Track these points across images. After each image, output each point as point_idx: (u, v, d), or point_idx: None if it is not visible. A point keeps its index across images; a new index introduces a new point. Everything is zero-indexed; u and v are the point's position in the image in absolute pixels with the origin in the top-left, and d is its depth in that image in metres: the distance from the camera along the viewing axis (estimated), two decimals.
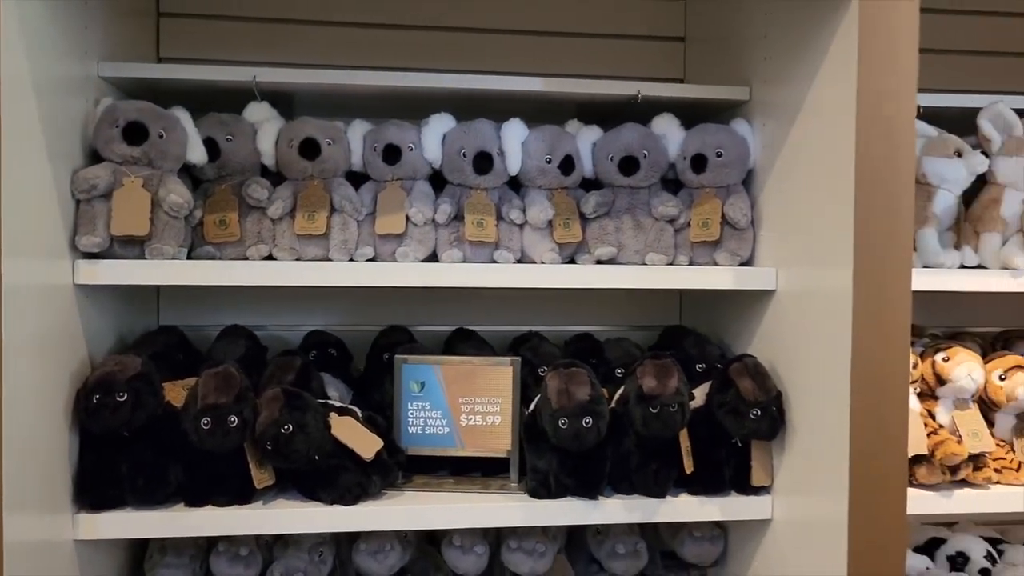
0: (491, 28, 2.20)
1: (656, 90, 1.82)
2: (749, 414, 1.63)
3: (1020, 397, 1.77)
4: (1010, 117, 1.79)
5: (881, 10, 1.42)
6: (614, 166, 1.79)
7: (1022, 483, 1.80)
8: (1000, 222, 1.79)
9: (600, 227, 1.79)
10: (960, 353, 1.80)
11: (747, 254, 1.78)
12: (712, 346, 1.90)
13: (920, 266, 1.78)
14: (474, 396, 1.74)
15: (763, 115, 1.79)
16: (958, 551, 2.05)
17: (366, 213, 1.75)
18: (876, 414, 1.44)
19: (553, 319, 2.20)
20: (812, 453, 1.58)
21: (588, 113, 1.93)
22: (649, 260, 1.77)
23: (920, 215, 1.80)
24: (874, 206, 1.44)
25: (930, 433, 1.77)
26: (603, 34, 2.24)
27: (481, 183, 1.77)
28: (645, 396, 1.62)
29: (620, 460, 1.70)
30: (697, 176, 1.79)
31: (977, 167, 1.77)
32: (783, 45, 1.69)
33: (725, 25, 2.01)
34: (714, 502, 1.71)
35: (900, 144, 1.44)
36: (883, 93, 1.43)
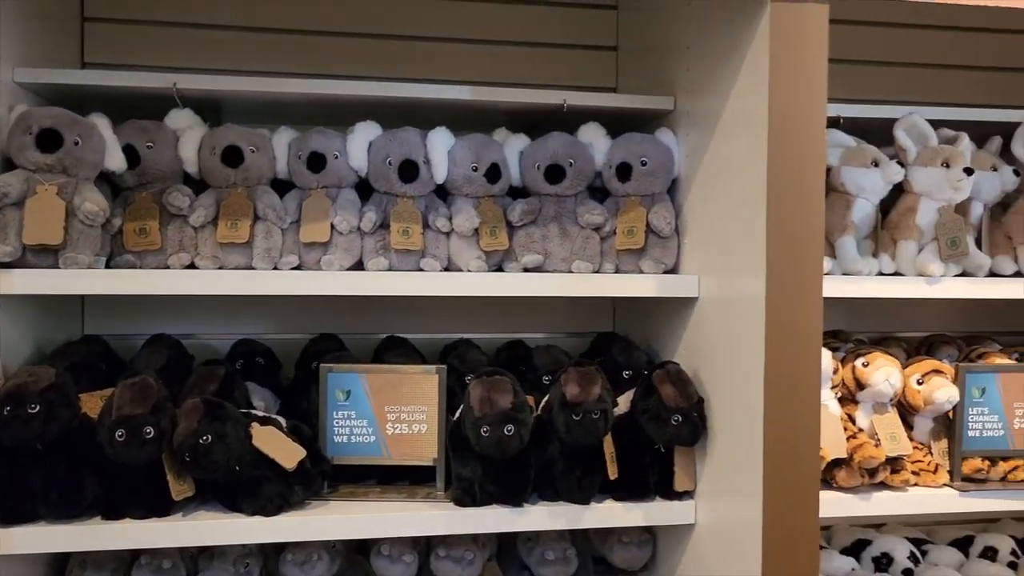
0: (428, 36, 2.20)
1: (582, 99, 1.84)
2: (671, 420, 1.65)
3: (937, 401, 1.81)
4: (924, 128, 1.84)
5: (791, 23, 1.45)
6: (540, 174, 1.80)
7: (939, 485, 1.84)
8: (916, 230, 1.83)
9: (527, 235, 1.80)
10: (879, 358, 1.84)
11: (672, 262, 1.81)
12: (639, 353, 1.92)
13: (839, 273, 1.81)
14: (400, 404, 1.74)
15: (687, 125, 1.81)
16: (883, 552, 2.10)
17: (291, 221, 1.74)
18: (789, 419, 1.47)
19: (488, 326, 2.20)
20: (731, 458, 1.60)
21: (521, 122, 1.94)
22: (575, 268, 1.78)
23: (839, 223, 1.84)
24: (785, 214, 1.46)
25: (850, 437, 1.81)
26: (537, 43, 2.26)
27: (407, 191, 1.77)
28: (568, 403, 1.63)
29: (545, 467, 1.70)
30: (622, 185, 1.81)
31: (893, 176, 1.81)
32: (704, 56, 1.72)
33: (653, 35, 2.03)
34: (638, 508, 1.72)
35: (811, 154, 1.47)
36: (794, 104, 1.46)
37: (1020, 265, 1.89)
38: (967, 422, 1.85)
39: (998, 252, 1.91)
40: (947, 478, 1.85)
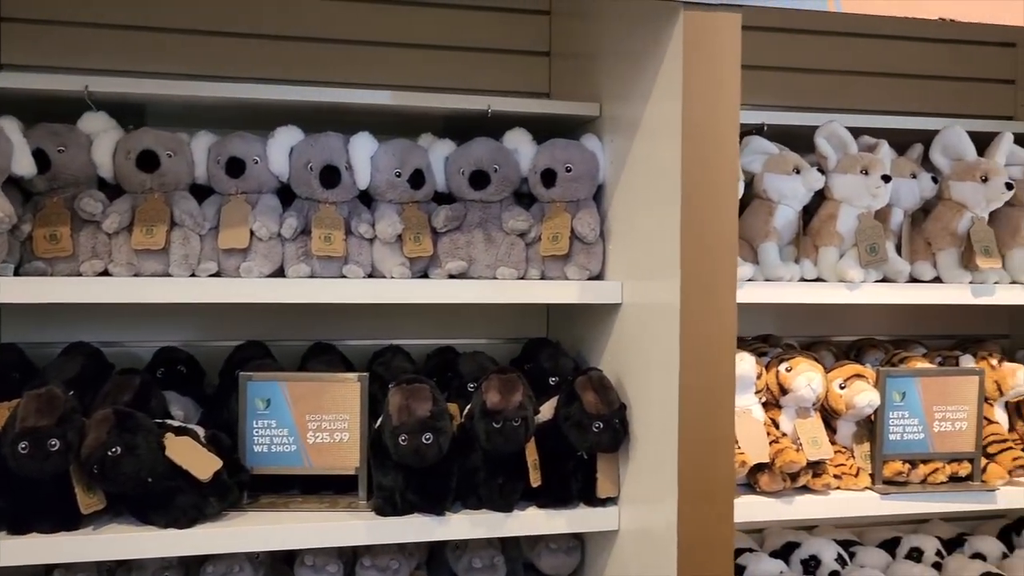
0: (362, 40, 2.18)
1: (508, 105, 1.83)
2: (592, 427, 1.65)
3: (858, 405, 1.83)
4: (844, 135, 1.86)
5: (704, 30, 1.46)
6: (465, 180, 1.79)
7: (861, 488, 1.86)
8: (837, 236, 1.86)
9: (451, 241, 1.79)
10: (802, 363, 1.86)
11: (597, 268, 1.81)
12: (567, 359, 1.92)
13: (762, 279, 1.83)
14: (321, 413, 1.72)
15: (611, 131, 1.82)
16: (811, 555, 2.12)
17: (209, 227, 1.71)
18: (703, 424, 1.47)
19: (420, 332, 2.18)
20: (651, 463, 1.61)
21: (459, 127, 1.92)
22: (500, 274, 1.77)
23: (762, 229, 1.86)
24: (699, 220, 1.47)
25: (772, 441, 1.82)
26: (472, 48, 2.25)
27: (329, 197, 1.75)
28: (488, 411, 1.62)
29: (467, 475, 1.69)
30: (547, 191, 1.81)
31: (814, 183, 1.83)
32: (625, 62, 1.72)
33: (583, 41, 2.04)
34: (561, 515, 1.72)
35: (724, 161, 1.48)
36: (707, 111, 1.47)
37: (939, 270, 1.92)
38: (888, 426, 1.87)
39: (918, 258, 1.94)
40: (868, 481, 1.87)
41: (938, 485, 1.88)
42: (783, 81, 2.35)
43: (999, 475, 1.89)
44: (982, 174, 1.87)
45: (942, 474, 1.89)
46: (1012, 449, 1.93)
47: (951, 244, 1.90)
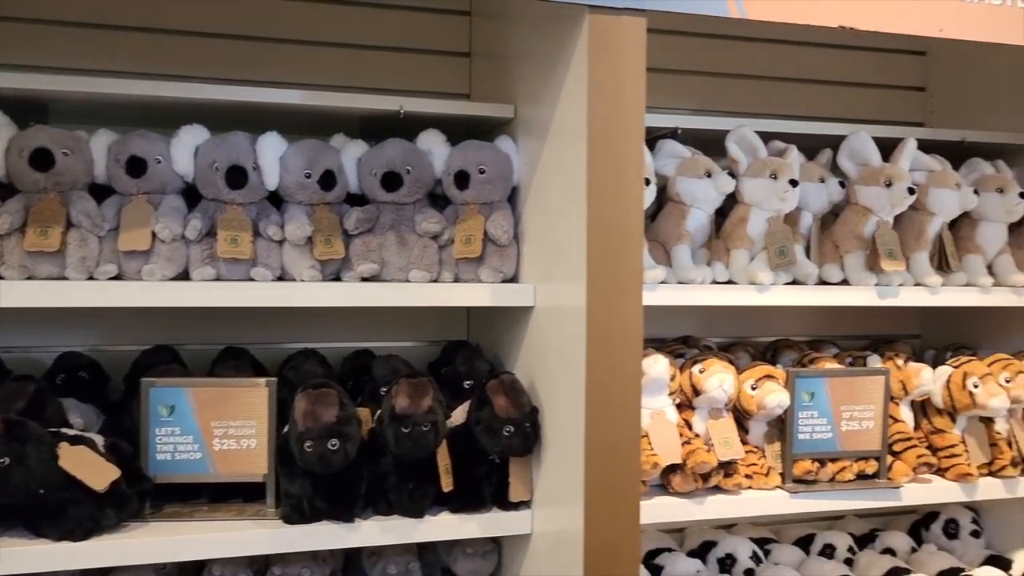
0: (282, 38, 2.14)
1: (422, 105, 1.81)
2: (503, 431, 1.64)
3: (768, 405, 1.86)
4: (754, 140, 1.89)
5: (609, 34, 1.47)
6: (377, 181, 1.77)
7: (771, 487, 1.89)
8: (747, 239, 1.88)
9: (363, 243, 1.76)
10: (715, 365, 1.88)
11: (511, 271, 1.80)
12: (482, 362, 1.91)
13: (674, 281, 1.84)
14: (228, 419, 1.67)
15: (525, 133, 1.81)
16: (727, 553, 2.14)
17: (108, 228, 1.66)
18: (609, 427, 1.48)
19: (338, 335, 2.15)
20: (561, 466, 1.60)
21: (376, 128, 1.89)
22: (412, 277, 1.75)
23: (674, 232, 1.87)
24: (605, 223, 1.47)
25: (685, 442, 1.84)
26: (394, 48, 2.22)
27: (236, 198, 1.71)
28: (397, 416, 1.60)
29: (378, 480, 1.67)
30: (461, 192, 1.79)
31: (724, 187, 1.86)
32: (538, 64, 1.71)
33: (500, 42, 2.03)
34: (474, 519, 1.70)
35: (629, 164, 1.48)
36: (613, 114, 1.47)
37: (846, 273, 1.96)
38: (797, 425, 1.90)
39: (826, 260, 1.98)
40: (779, 480, 1.90)
41: (846, 483, 1.92)
42: (698, 85, 2.38)
43: (904, 472, 1.94)
44: (886, 179, 1.92)
45: (850, 472, 1.93)
46: (917, 447, 1.98)
47: (857, 247, 1.94)
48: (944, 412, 2.05)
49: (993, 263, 2.08)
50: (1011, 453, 2.03)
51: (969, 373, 1.99)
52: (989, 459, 2.02)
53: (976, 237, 2.06)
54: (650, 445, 1.80)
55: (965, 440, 2.02)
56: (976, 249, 2.06)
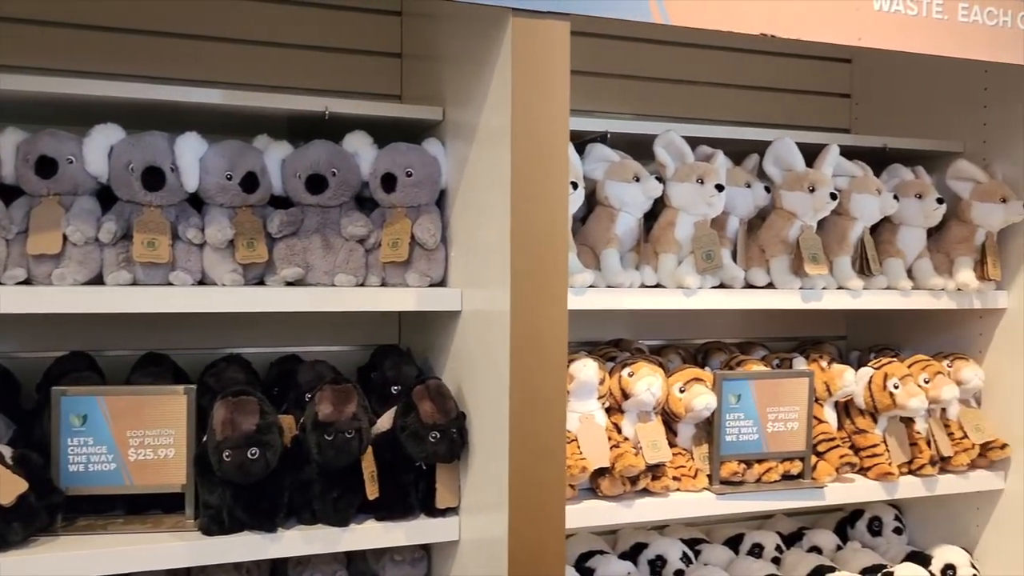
0: (207, 36, 2.08)
1: (348, 107, 1.78)
2: (428, 437, 1.62)
3: (696, 408, 1.88)
4: (681, 145, 1.90)
5: (533, 37, 1.46)
6: (301, 184, 1.73)
7: (699, 489, 1.91)
8: (675, 243, 1.90)
9: (288, 247, 1.73)
10: (643, 368, 1.89)
11: (438, 275, 1.78)
12: (410, 367, 1.89)
13: (603, 285, 1.84)
14: (144, 428, 1.62)
15: (454, 136, 1.79)
16: (657, 555, 2.16)
17: (17, 231, 1.60)
18: (533, 432, 1.47)
19: (266, 339, 2.10)
20: (488, 472, 1.59)
21: (303, 130, 1.86)
22: (338, 281, 1.72)
23: (603, 236, 1.88)
24: (529, 227, 1.47)
25: (614, 446, 1.84)
26: (324, 47, 2.18)
27: (153, 200, 1.65)
28: (320, 423, 1.57)
29: (301, 489, 1.64)
30: (388, 195, 1.77)
31: (652, 191, 1.87)
32: (465, 67, 1.70)
33: (430, 43, 2.01)
34: (400, 526, 1.68)
35: (554, 167, 1.48)
36: (537, 117, 1.47)
37: (772, 276, 1.99)
38: (724, 427, 1.92)
39: (753, 264, 2.00)
40: (706, 482, 1.92)
41: (771, 484, 1.95)
42: (630, 89, 2.39)
43: (828, 472, 1.98)
44: (810, 184, 1.95)
45: (775, 473, 1.96)
46: (840, 447, 2.02)
47: (782, 251, 1.98)
48: (866, 413, 2.09)
49: (913, 266, 2.13)
50: (930, 452, 2.08)
51: (890, 374, 2.04)
52: (909, 458, 2.07)
53: (896, 241, 2.12)
54: (579, 449, 1.80)
55: (886, 440, 2.07)
56: (896, 253, 2.11)
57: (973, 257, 2.13)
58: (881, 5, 1.67)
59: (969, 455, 2.12)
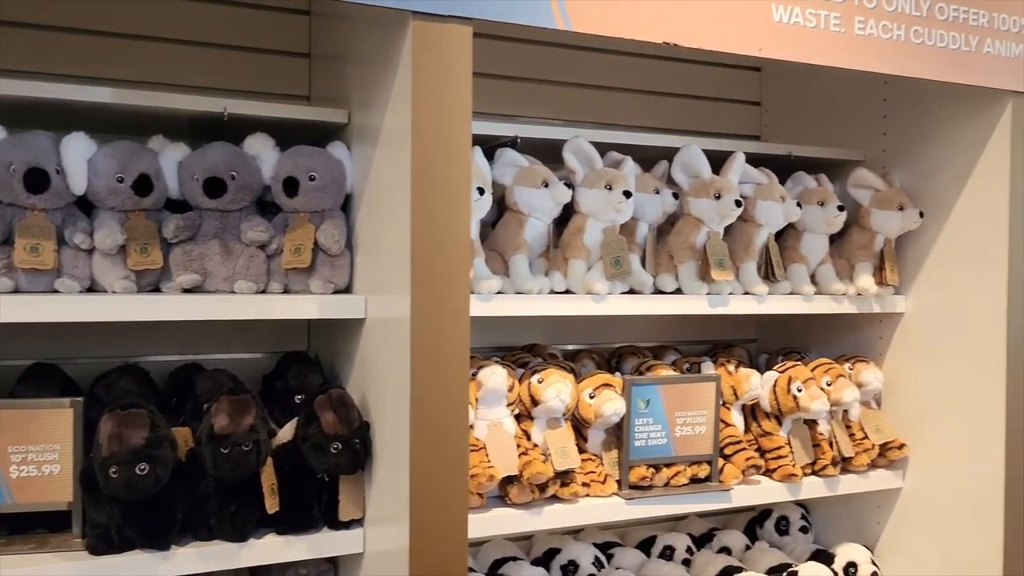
0: (110, 32, 1.99)
1: (249, 108, 1.73)
2: (330, 448, 1.58)
3: (605, 414, 1.88)
4: (589, 150, 1.90)
5: (434, 41, 1.44)
6: (199, 187, 1.67)
7: (608, 495, 1.91)
8: (584, 249, 1.90)
9: (184, 253, 1.66)
10: (553, 375, 1.88)
11: (343, 282, 1.74)
12: (315, 375, 1.84)
13: (512, 291, 1.83)
14: (28, 444, 1.54)
15: (359, 139, 1.76)
16: (570, 560, 2.16)
17: None
18: (435, 442, 1.45)
19: (167, 347, 2.02)
20: (390, 483, 1.56)
21: (204, 131, 1.79)
22: (238, 288, 1.67)
23: (512, 242, 1.87)
24: (430, 233, 1.45)
25: (522, 453, 1.83)
26: (230, 46, 2.11)
27: (37, 203, 1.57)
28: (216, 436, 1.52)
29: (197, 504, 1.58)
30: (290, 200, 1.72)
31: (561, 197, 1.86)
32: (370, 69, 1.67)
33: (337, 44, 1.97)
34: (302, 540, 1.64)
35: (456, 172, 1.46)
36: (438, 121, 1.45)
37: (680, 282, 2.01)
38: (633, 432, 1.93)
39: (662, 270, 2.02)
40: (616, 487, 1.92)
41: (679, 487, 1.97)
42: (542, 94, 2.39)
43: (734, 475, 2.01)
44: (716, 191, 1.98)
45: (683, 476, 1.98)
46: (746, 450, 2.06)
47: (690, 257, 2.00)
48: (771, 415, 2.13)
49: (816, 272, 2.18)
50: (832, 453, 2.14)
51: (793, 378, 2.09)
52: (812, 459, 2.12)
53: (800, 247, 2.16)
54: (487, 457, 1.78)
55: (791, 442, 2.11)
56: (800, 259, 2.16)
57: (872, 263, 2.20)
58: (781, 17, 1.71)
59: (869, 455, 2.18)
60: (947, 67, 1.89)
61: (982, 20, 1.91)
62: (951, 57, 1.89)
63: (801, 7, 1.72)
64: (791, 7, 1.71)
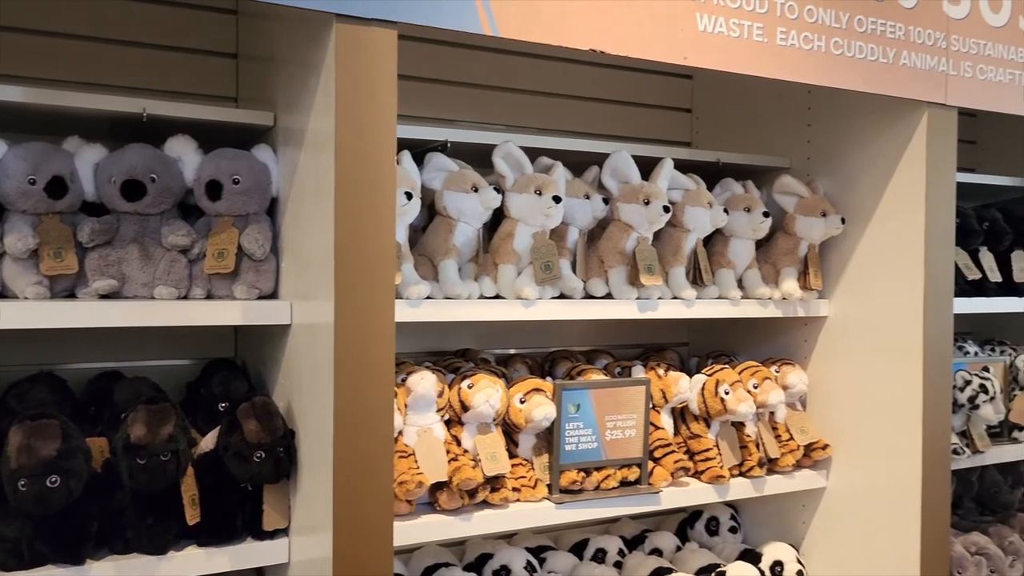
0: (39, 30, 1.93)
1: (169, 109, 1.68)
2: (253, 456, 1.56)
3: (536, 419, 1.88)
4: (519, 156, 1.91)
5: (358, 44, 1.43)
6: (116, 190, 1.62)
7: (539, 499, 1.92)
8: (514, 254, 1.90)
9: (100, 257, 1.61)
10: (483, 380, 1.88)
11: (268, 287, 1.71)
12: (240, 383, 1.81)
13: (442, 296, 1.82)
14: None
15: (284, 142, 1.73)
16: (502, 564, 2.15)
17: None
18: (359, 448, 1.43)
19: (85, 354, 1.96)
20: (315, 491, 1.54)
21: (124, 133, 1.74)
22: (158, 294, 1.62)
23: (442, 247, 1.86)
24: (354, 238, 1.43)
25: (452, 459, 1.82)
26: (154, 45, 2.06)
27: None
28: (132, 446, 1.48)
29: (114, 516, 1.54)
30: (213, 203, 1.69)
31: (490, 202, 1.86)
32: (295, 71, 1.64)
33: (264, 45, 1.93)
34: (224, 552, 1.60)
35: (381, 176, 1.45)
36: (362, 125, 1.44)
37: (610, 287, 2.03)
38: (564, 437, 1.94)
39: (592, 275, 2.03)
40: (546, 491, 1.93)
41: (609, 491, 1.98)
42: (474, 99, 2.39)
43: (663, 477, 2.03)
44: (644, 197, 2.00)
45: (614, 480, 1.99)
46: (675, 452, 2.08)
47: (620, 262, 2.01)
48: (700, 418, 2.17)
49: (743, 277, 2.22)
50: (758, 454, 2.18)
51: (721, 381, 2.12)
52: (740, 460, 2.16)
53: (728, 253, 2.20)
54: (416, 463, 1.77)
55: (719, 444, 2.15)
56: (727, 264, 2.19)
57: (797, 268, 2.25)
58: (705, 26, 1.73)
59: (795, 456, 2.23)
60: (866, 78, 1.94)
61: (899, 33, 1.97)
62: (870, 68, 1.94)
63: (725, 17, 1.76)
64: (715, 17, 1.74)
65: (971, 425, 2.42)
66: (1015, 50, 2.16)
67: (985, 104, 2.14)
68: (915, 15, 2.00)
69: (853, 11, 1.91)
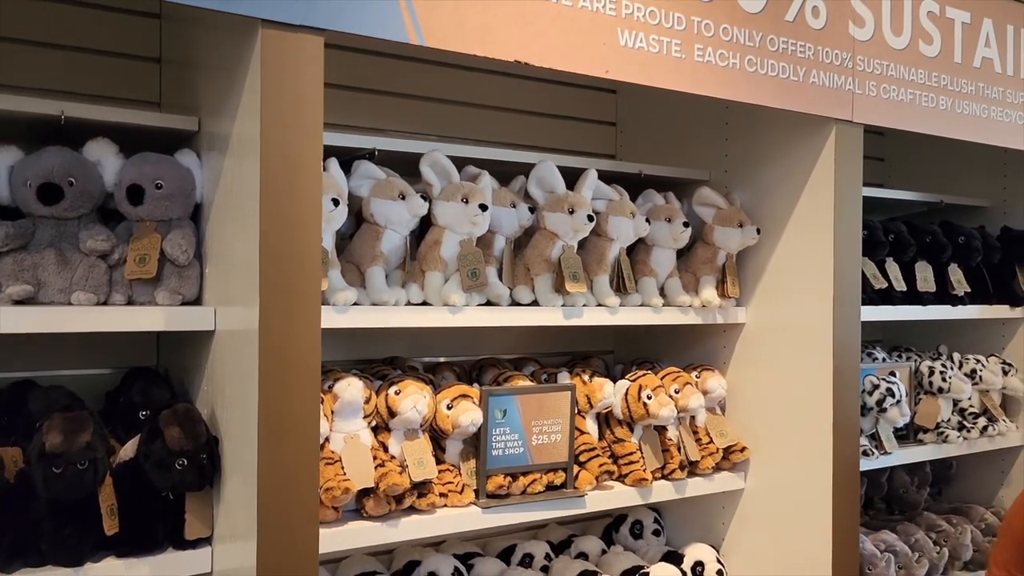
0: None
1: (87, 112, 1.66)
2: (175, 464, 1.54)
3: (462, 424, 1.90)
4: (446, 164, 1.93)
5: (284, 50, 1.44)
6: (32, 193, 1.59)
7: (465, 504, 1.93)
8: (441, 262, 1.92)
9: (15, 262, 1.58)
10: (410, 386, 1.89)
11: (192, 293, 1.69)
12: (162, 390, 1.78)
13: (368, 303, 1.83)
14: None
15: (209, 147, 1.72)
16: (429, 572, 2.15)
17: None
18: (284, 455, 1.43)
19: (2, 363, 1.89)
20: (239, 499, 1.53)
21: (46, 136, 1.70)
22: (75, 299, 1.59)
23: (369, 254, 1.87)
24: (279, 244, 1.43)
25: (379, 465, 1.83)
26: (74, 47, 2.01)
27: None
28: (47, 455, 1.45)
29: (29, 527, 1.49)
30: (135, 208, 1.67)
31: (417, 210, 1.88)
32: (220, 76, 1.64)
33: (188, 49, 1.92)
34: (144, 562, 1.57)
35: (306, 183, 1.46)
36: (288, 132, 1.44)
37: (536, 294, 2.06)
38: (491, 442, 1.97)
39: (519, 282, 2.06)
40: (473, 496, 1.95)
41: (535, 495, 2.01)
42: (403, 108, 2.40)
43: (588, 481, 2.07)
44: (569, 206, 2.05)
45: (540, 484, 2.02)
46: (599, 456, 2.13)
47: (546, 270, 2.06)
48: (624, 423, 2.22)
49: (664, 285, 2.29)
50: (680, 457, 2.24)
51: (644, 386, 2.18)
52: (662, 464, 2.22)
53: (650, 261, 2.27)
54: (343, 470, 1.77)
55: (642, 448, 2.20)
56: (650, 272, 2.26)
57: (716, 276, 2.33)
58: (626, 41, 1.79)
59: (714, 458, 2.30)
60: (778, 94, 2.03)
61: (808, 53, 2.08)
62: (781, 85, 2.04)
63: (645, 33, 1.82)
64: (636, 32, 1.81)
65: (879, 428, 2.54)
66: (916, 71, 2.30)
67: (889, 122, 2.26)
68: (823, 35, 2.11)
69: (766, 30, 2.00)
